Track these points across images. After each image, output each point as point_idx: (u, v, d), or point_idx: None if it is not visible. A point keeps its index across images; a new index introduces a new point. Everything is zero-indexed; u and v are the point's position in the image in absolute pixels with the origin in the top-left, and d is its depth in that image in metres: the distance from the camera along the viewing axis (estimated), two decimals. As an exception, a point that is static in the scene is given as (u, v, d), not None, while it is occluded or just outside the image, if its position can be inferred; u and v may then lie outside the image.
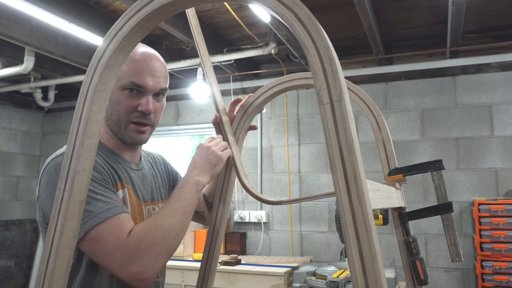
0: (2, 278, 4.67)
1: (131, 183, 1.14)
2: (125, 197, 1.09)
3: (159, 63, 1.12)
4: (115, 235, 0.93)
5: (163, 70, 1.13)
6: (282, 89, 1.10)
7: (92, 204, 0.95)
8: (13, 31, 2.96)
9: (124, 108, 1.08)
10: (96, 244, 0.93)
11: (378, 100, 3.76)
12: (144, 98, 1.09)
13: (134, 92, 1.08)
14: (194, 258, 3.60)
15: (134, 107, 1.08)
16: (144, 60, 1.09)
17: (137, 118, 1.10)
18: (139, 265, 0.92)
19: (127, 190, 1.11)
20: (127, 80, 1.06)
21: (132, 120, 1.10)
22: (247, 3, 0.62)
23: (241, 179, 1.05)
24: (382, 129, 1.19)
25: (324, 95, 0.53)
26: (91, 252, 0.96)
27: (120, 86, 1.07)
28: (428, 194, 3.56)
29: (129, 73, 1.06)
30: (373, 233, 0.49)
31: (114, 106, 1.08)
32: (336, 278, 2.68)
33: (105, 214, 0.94)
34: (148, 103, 1.09)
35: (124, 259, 0.92)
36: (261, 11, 2.67)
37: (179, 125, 4.53)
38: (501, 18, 3.19)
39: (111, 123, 1.11)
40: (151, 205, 1.20)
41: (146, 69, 1.08)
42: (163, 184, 1.30)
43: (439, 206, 1.19)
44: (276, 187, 4.06)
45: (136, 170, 1.18)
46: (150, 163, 1.29)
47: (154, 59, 1.11)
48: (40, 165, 5.24)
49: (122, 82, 1.07)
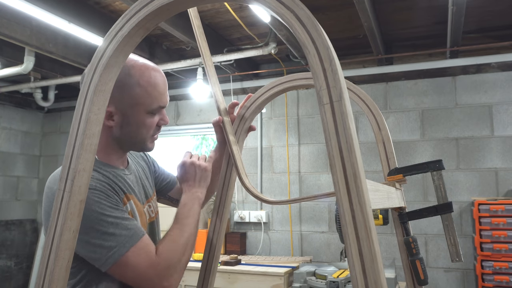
0: (2, 278, 4.67)
1: (132, 190, 1.16)
2: (132, 209, 1.12)
3: (165, 77, 1.17)
4: (143, 258, 1.01)
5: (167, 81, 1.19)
6: (282, 89, 1.10)
7: (115, 233, 0.99)
8: (13, 31, 2.96)
9: (149, 129, 1.14)
10: (127, 268, 1.00)
11: (378, 100, 3.76)
12: (161, 113, 1.16)
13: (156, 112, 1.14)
14: (194, 258, 3.60)
15: (155, 124, 1.15)
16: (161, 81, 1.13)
17: (156, 133, 1.19)
18: (171, 280, 1.03)
19: (132, 201, 1.13)
20: (156, 105, 1.11)
21: (153, 136, 1.17)
22: (247, 3, 0.62)
23: (242, 178, 1.05)
24: (382, 129, 1.19)
25: (324, 95, 0.53)
26: (121, 276, 1.02)
27: (147, 111, 1.11)
28: (428, 194, 3.56)
29: (155, 99, 1.11)
30: (373, 233, 0.50)
31: (139, 129, 1.12)
32: (336, 278, 2.68)
33: (130, 242, 1.00)
34: (166, 116, 1.18)
35: (157, 277, 1.01)
36: (261, 11, 2.67)
37: (179, 125, 4.53)
38: (501, 18, 3.19)
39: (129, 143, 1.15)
40: (147, 203, 1.22)
41: (165, 89, 1.15)
42: (150, 176, 1.33)
43: (439, 206, 1.19)
44: (276, 187, 4.06)
45: (129, 175, 1.19)
46: (132, 160, 1.29)
47: (162, 76, 1.16)
48: (40, 165, 5.24)
49: (150, 108, 1.11)
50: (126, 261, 0.98)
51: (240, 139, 1.14)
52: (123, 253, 0.98)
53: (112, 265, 0.98)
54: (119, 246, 0.98)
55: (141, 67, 1.10)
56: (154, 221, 1.23)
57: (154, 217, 1.24)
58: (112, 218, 0.99)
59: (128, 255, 0.98)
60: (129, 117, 1.09)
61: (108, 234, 0.97)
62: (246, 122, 1.13)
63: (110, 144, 1.14)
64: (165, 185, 1.40)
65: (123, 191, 1.11)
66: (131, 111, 1.09)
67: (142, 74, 1.09)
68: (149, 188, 1.28)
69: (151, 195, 1.26)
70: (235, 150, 1.09)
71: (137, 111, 1.09)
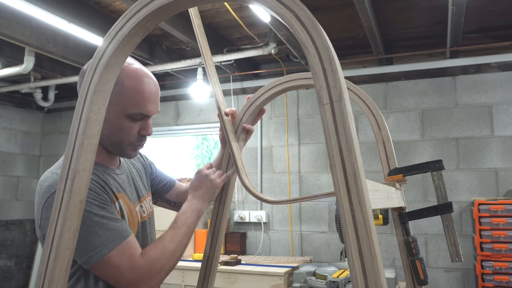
0: (2, 278, 4.67)
1: (123, 190, 1.16)
2: (122, 208, 1.12)
3: (157, 88, 1.15)
4: (126, 259, 1.01)
5: (159, 93, 1.16)
6: (282, 89, 1.10)
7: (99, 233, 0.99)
8: (13, 31, 2.96)
9: (127, 134, 1.11)
10: (109, 268, 1.01)
11: (378, 100, 3.76)
12: (145, 123, 1.13)
13: (138, 120, 1.12)
14: (194, 258, 3.60)
15: (136, 132, 1.13)
16: (149, 89, 1.10)
17: (138, 142, 1.15)
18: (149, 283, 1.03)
19: (121, 200, 1.13)
20: (135, 111, 1.09)
21: (133, 144, 1.14)
22: (247, 3, 0.62)
23: (242, 178, 1.05)
24: (382, 129, 1.19)
25: (324, 95, 0.53)
26: (103, 275, 1.03)
27: (126, 114, 1.09)
28: (428, 194, 3.56)
29: (136, 104, 1.08)
30: (373, 233, 0.50)
31: (115, 132, 1.10)
32: (336, 278, 2.68)
33: (113, 243, 1.00)
34: (150, 127, 1.15)
35: (136, 280, 1.01)
36: (261, 11, 2.67)
37: (179, 125, 4.52)
38: (501, 18, 3.19)
39: (108, 144, 1.13)
40: (139, 203, 1.22)
41: (151, 99, 1.11)
42: (145, 177, 1.33)
43: (439, 206, 1.19)
44: (276, 187, 4.06)
45: (120, 175, 1.20)
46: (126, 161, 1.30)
47: (154, 86, 1.13)
48: (40, 165, 5.24)
49: (128, 112, 1.08)
50: (108, 261, 0.99)
51: (241, 138, 1.13)
52: (106, 253, 0.99)
53: (94, 264, 0.99)
54: (102, 246, 0.99)
55: (132, 70, 1.09)
56: (146, 221, 1.23)
57: (147, 217, 1.24)
58: (98, 218, 1.00)
59: (110, 256, 0.99)
60: (109, 117, 1.05)
61: (93, 234, 0.98)
62: (246, 121, 1.13)
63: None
64: (161, 187, 1.41)
65: (112, 190, 1.11)
66: (110, 111, 1.04)
67: (130, 77, 1.08)
68: (143, 188, 1.28)
69: (144, 195, 1.27)
70: (235, 147, 1.09)
71: (116, 112, 1.07)
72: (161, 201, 1.43)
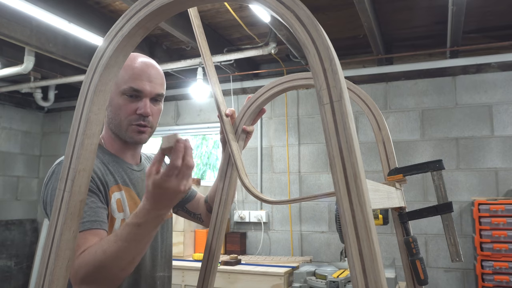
0: (2, 278, 4.67)
1: (132, 184, 1.18)
2: (122, 199, 1.12)
3: (155, 70, 1.19)
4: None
5: (159, 76, 1.20)
6: (282, 89, 1.10)
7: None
8: (13, 31, 2.96)
9: (124, 112, 1.16)
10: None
11: (378, 100, 3.76)
12: (142, 102, 1.16)
13: (133, 97, 1.15)
14: (194, 258, 3.60)
15: (133, 111, 1.16)
16: (142, 67, 1.16)
17: (136, 121, 1.17)
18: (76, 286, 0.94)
19: (125, 192, 1.14)
20: (126, 86, 1.14)
21: (132, 123, 1.17)
22: (247, 3, 0.62)
23: (242, 178, 1.05)
24: (382, 129, 1.19)
25: (324, 95, 0.53)
26: None
27: (120, 92, 1.15)
28: (428, 194, 3.56)
29: (128, 79, 1.14)
30: (373, 233, 0.50)
31: (114, 111, 1.16)
32: (336, 278, 2.68)
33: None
34: (146, 106, 1.16)
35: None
36: (261, 11, 2.67)
37: (179, 125, 4.52)
38: (501, 18, 3.19)
39: (112, 126, 1.18)
40: None
41: (143, 75, 1.15)
42: None
43: (439, 206, 1.19)
44: (276, 187, 4.06)
45: (137, 171, 1.22)
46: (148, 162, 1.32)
47: (150, 67, 1.18)
48: (40, 165, 5.24)
49: (121, 88, 1.14)
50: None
51: (241, 138, 1.13)
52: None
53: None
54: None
55: (131, 55, 1.15)
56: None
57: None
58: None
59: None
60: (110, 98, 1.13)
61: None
62: (246, 121, 1.13)
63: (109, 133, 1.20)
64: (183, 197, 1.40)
65: (116, 181, 1.13)
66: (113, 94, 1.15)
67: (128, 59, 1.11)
68: None
69: None
70: (234, 147, 1.08)
71: (114, 93, 1.14)
72: (181, 211, 1.42)
